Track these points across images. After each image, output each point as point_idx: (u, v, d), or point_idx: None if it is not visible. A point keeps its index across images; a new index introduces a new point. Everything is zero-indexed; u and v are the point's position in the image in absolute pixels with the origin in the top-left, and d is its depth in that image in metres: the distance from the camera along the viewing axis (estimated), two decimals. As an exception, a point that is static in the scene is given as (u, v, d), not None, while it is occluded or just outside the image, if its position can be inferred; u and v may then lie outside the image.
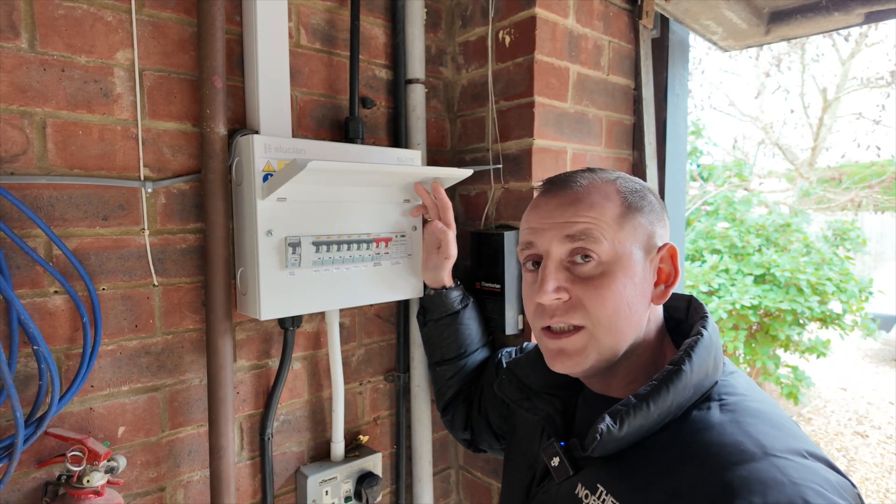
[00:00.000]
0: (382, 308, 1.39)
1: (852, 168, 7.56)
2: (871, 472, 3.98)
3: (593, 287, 0.66)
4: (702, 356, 0.64)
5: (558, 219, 0.68)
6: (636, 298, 0.67)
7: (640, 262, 0.68)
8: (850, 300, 4.39)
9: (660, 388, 0.61)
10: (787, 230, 4.79)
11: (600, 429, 0.61)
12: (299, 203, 1.05)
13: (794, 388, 4.38)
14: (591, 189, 0.69)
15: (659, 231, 0.71)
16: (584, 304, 0.66)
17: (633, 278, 0.67)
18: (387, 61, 1.35)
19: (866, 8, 1.41)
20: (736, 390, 0.64)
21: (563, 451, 0.69)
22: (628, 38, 1.47)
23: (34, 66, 0.90)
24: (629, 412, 0.61)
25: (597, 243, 0.66)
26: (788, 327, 4.34)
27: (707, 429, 0.59)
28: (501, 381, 0.87)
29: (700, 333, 0.66)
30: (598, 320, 0.66)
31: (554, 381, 0.81)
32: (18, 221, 0.89)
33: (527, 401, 0.81)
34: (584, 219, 0.67)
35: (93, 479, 0.90)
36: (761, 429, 0.57)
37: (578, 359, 0.68)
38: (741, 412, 0.60)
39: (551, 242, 0.68)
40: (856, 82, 7.80)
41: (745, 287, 4.39)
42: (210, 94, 1.01)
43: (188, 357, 1.09)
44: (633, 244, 0.67)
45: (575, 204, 0.68)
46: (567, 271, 0.68)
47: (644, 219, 0.69)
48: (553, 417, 0.77)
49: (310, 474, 1.22)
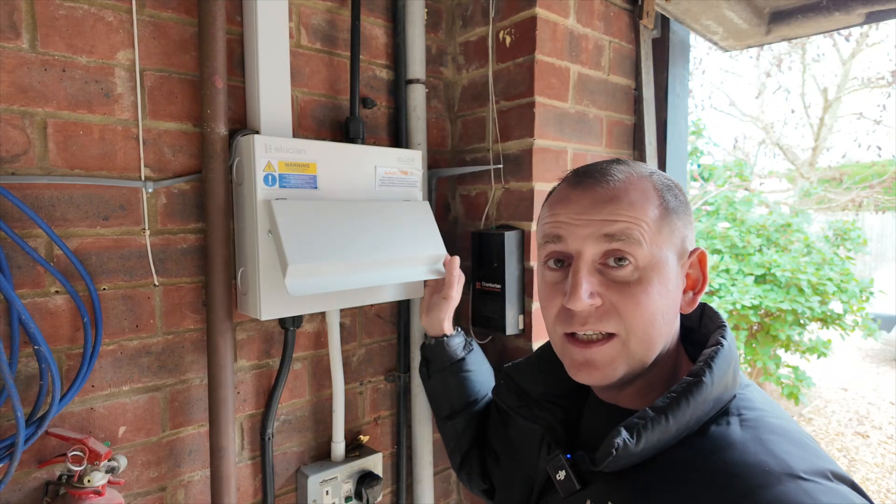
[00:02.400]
0: (383, 308, 1.39)
1: (853, 168, 7.57)
2: (871, 473, 3.98)
3: (630, 293, 0.60)
4: (722, 368, 0.60)
5: (595, 216, 0.62)
6: (669, 307, 0.63)
7: (674, 268, 0.63)
8: (851, 300, 4.39)
9: (679, 400, 0.57)
10: (788, 230, 4.79)
11: (616, 443, 0.56)
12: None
13: (794, 388, 4.37)
14: (630, 185, 0.63)
15: (689, 234, 0.66)
16: (619, 312, 0.61)
17: (667, 285, 0.62)
18: (387, 61, 1.35)
19: (867, 8, 1.41)
20: (755, 405, 0.60)
21: (569, 464, 0.64)
22: (629, 38, 1.47)
23: (35, 66, 0.90)
24: (647, 426, 0.57)
25: (636, 246, 0.60)
26: (789, 327, 4.34)
27: (728, 447, 0.55)
28: (499, 387, 0.81)
29: (720, 343, 0.62)
30: (633, 329, 0.61)
31: (555, 389, 0.76)
32: (19, 221, 0.89)
33: (525, 408, 0.76)
34: (624, 217, 0.61)
35: (94, 478, 0.90)
36: (785, 448, 0.53)
37: (607, 371, 0.63)
38: (762, 429, 0.56)
39: (585, 241, 0.62)
40: (857, 82, 7.80)
41: (745, 287, 4.39)
42: (211, 94, 1.01)
43: (189, 357, 1.09)
44: (669, 248, 0.63)
45: (614, 201, 0.62)
46: (600, 274, 0.62)
47: (679, 221, 0.64)
48: (554, 427, 0.72)
49: (310, 474, 1.22)
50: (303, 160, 1.05)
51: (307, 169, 1.06)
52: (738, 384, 0.63)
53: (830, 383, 5.72)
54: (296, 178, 1.05)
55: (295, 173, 1.04)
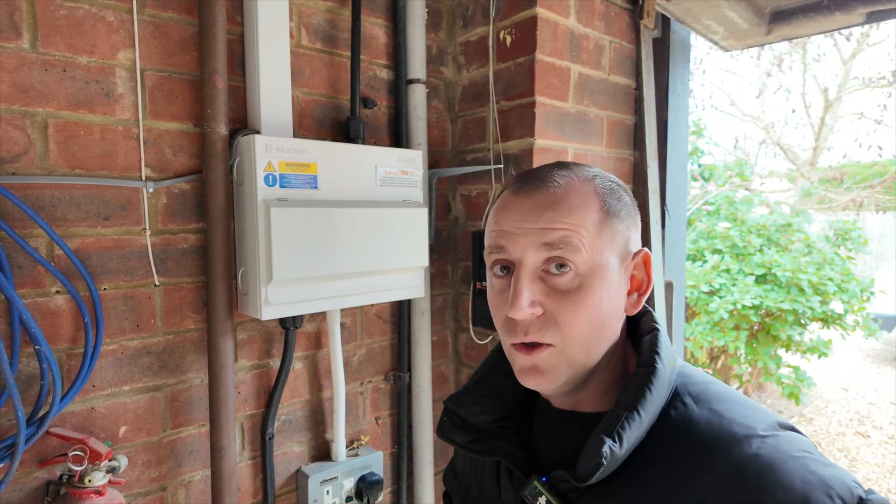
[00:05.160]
0: (383, 308, 1.40)
1: (854, 168, 7.56)
2: (872, 473, 3.98)
3: (569, 301, 0.60)
4: (666, 351, 0.62)
5: (534, 223, 0.62)
6: (611, 311, 0.63)
7: (616, 272, 0.63)
8: (852, 300, 4.38)
9: (643, 391, 0.59)
10: (789, 230, 4.79)
11: (604, 452, 0.55)
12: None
13: (795, 388, 4.37)
14: (570, 190, 0.63)
15: (633, 236, 0.66)
16: (558, 321, 0.61)
17: (609, 289, 0.62)
18: (388, 61, 1.35)
19: (868, 7, 1.41)
20: (695, 379, 0.63)
21: (546, 488, 0.62)
22: (629, 37, 1.47)
23: (36, 66, 0.90)
24: (624, 425, 0.57)
25: (575, 252, 0.60)
26: (790, 327, 4.34)
27: (696, 428, 0.57)
28: (443, 425, 0.75)
29: (656, 329, 0.65)
30: (571, 338, 0.61)
31: (501, 413, 0.73)
32: (20, 221, 0.89)
33: (478, 442, 0.71)
34: (562, 225, 0.61)
35: (94, 478, 0.90)
36: (739, 412, 0.57)
37: (552, 375, 0.63)
38: (712, 400, 0.60)
39: (525, 250, 0.62)
40: (857, 82, 7.79)
41: (746, 287, 4.38)
42: (211, 95, 1.01)
43: (189, 357, 1.09)
44: (610, 252, 0.63)
45: (553, 207, 0.62)
46: (541, 282, 0.62)
47: (621, 224, 0.64)
48: (513, 454, 0.69)
49: (311, 474, 1.22)
50: (303, 160, 1.05)
51: (308, 169, 1.06)
52: (677, 365, 0.65)
53: (831, 383, 5.72)
54: (296, 178, 1.05)
55: (295, 173, 1.04)
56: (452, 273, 1.51)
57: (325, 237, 1.06)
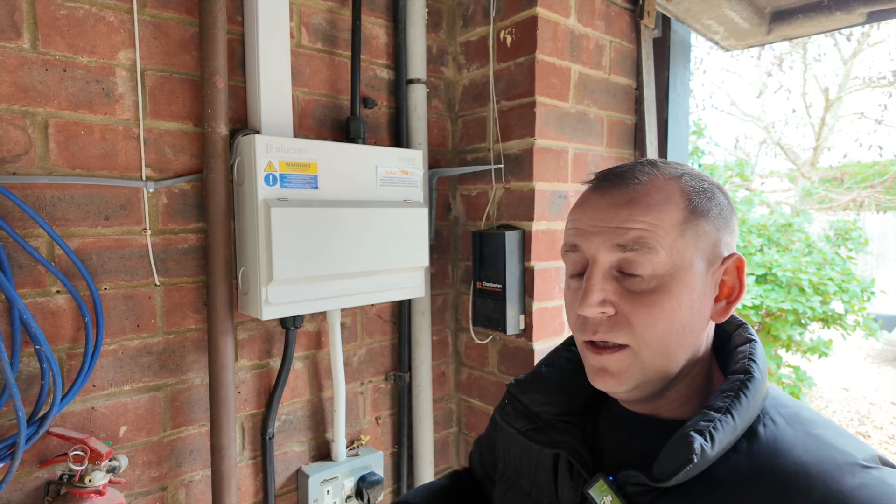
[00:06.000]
0: (384, 308, 1.40)
1: (854, 168, 7.55)
2: (873, 473, 3.98)
3: (644, 304, 0.58)
4: (763, 362, 0.58)
5: (609, 222, 0.59)
6: (693, 316, 0.59)
7: (702, 275, 0.59)
8: (852, 300, 4.38)
9: (739, 397, 0.54)
10: (789, 230, 4.79)
11: (696, 448, 0.52)
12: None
13: (795, 388, 4.37)
14: (652, 188, 0.60)
15: (725, 239, 0.62)
16: (631, 323, 0.58)
17: (691, 293, 0.58)
18: (388, 61, 1.35)
19: (868, 7, 1.41)
20: (785, 401, 0.59)
21: (614, 488, 0.59)
22: (630, 37, 1.47)
23: (36, 66, 0.90)
24: (717, 426, 0.53)
25: (651, 253, 0.57)
26: (790, 327, 4.34)
27: (789, 447, 0.53)
28: (503, 408, 0.74)
29: (753, 340, 0.61)
30: (646, 341, 0.58)
31: (569, 408, 0.71)
32: (20, 221, 0.89)
33: (538, 432, 0.70)
34: (639, 224, 0.58)
35: (95, 478, 0.90)
36: (837, 439, 0.53)
37: (622, 378, 0.60)
38: (806, 424, 0.55)
39: (598, 249, 0.59)
40: (858, 82, 7.79)
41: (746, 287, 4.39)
42: (212, 94, 1.01)
43: (190, 357, 1.09)
44: (694, 254, 0.59)
45: (630, 205, 0.59)
46: (615, 282, 0.59)
47: (710, 225, 0.60)
48: (578, 450, 0.66)
49: (311, 474, 1.22)
50: (303, 160, 1.05)
51: (308, 169, 1.06)
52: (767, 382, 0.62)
53: (831, 383, 5.72)
54: (296, 178, 1.05)
55: (296, 173, 1.04)
56: (453, 273, 1.51)
57: (325, 237, 1.06)
